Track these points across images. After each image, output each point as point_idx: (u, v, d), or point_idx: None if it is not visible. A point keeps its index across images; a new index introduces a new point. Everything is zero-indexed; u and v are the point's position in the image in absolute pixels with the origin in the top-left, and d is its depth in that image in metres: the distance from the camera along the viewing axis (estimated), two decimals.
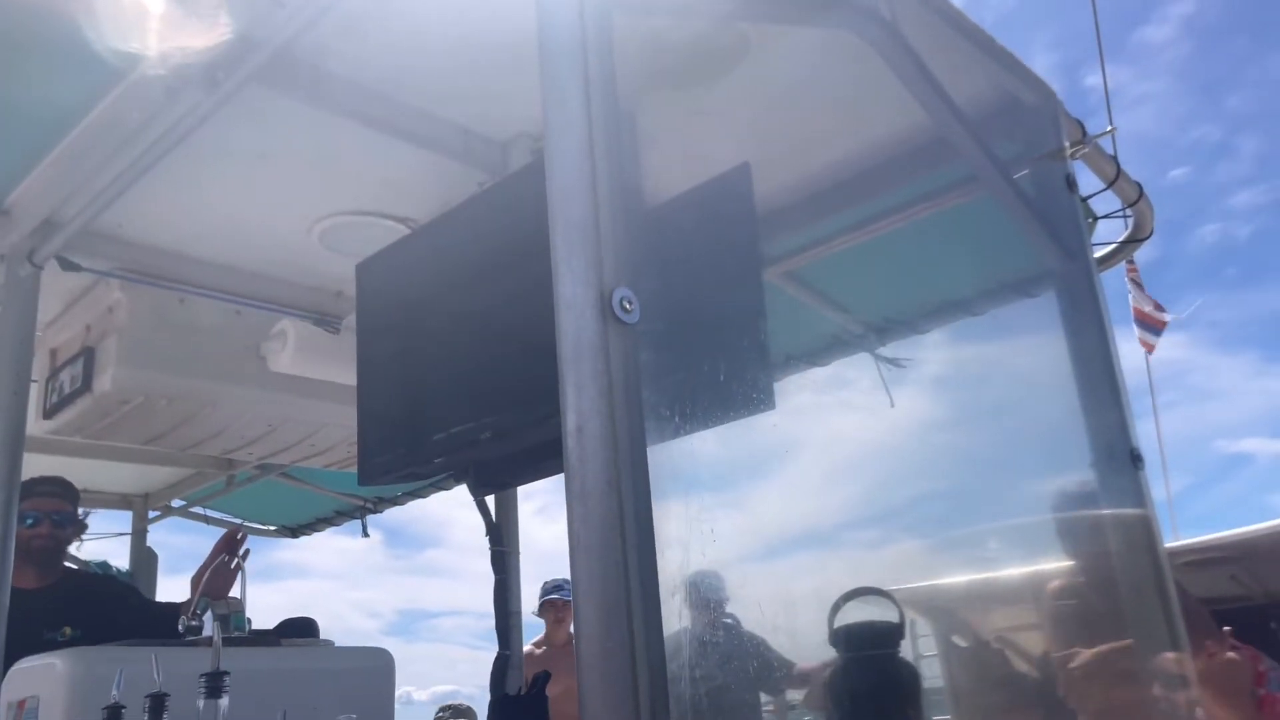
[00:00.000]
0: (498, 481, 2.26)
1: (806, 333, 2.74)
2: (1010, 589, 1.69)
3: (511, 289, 1.89)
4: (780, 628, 1.24)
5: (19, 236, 2.12)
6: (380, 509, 4.68)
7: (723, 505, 1.10)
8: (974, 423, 2.01)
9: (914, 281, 2.67)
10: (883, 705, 1.20)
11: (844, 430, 1.98)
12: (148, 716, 1.36)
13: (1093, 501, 1.84)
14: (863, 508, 1.67)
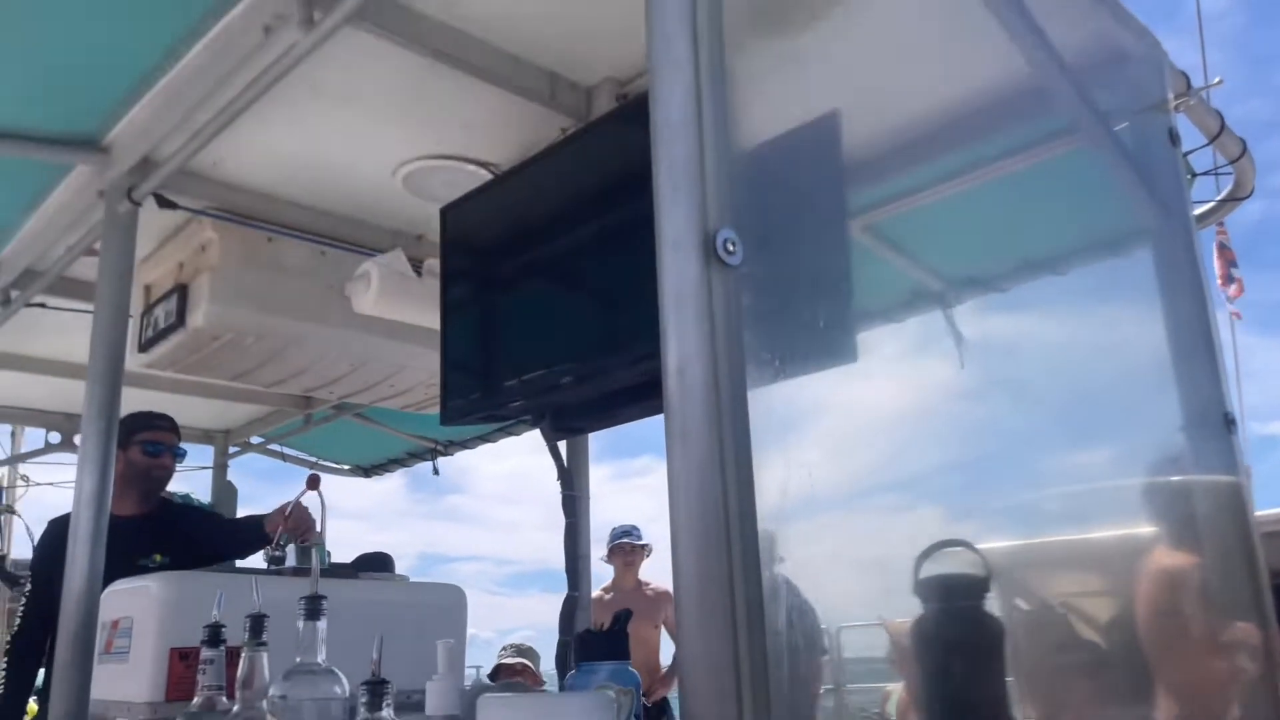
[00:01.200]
0: (572, 427, 2.30)
1: (884, 288, 2.70)
2: (1083, 553, 1.67)
3: (596, 235, 1.90)
4: (870, 575, 1.25)
5: (118, 174, 2.18)
6: (450, 452, 4.77)
7: (817, 450, 1.11)
8: (1057, 384, 1.98)
9: (997, 238, 2.61)
10: (968, 656, 1.20)
11: (925, 387, 1.96)
12: (247, 635, 1.42)
13: (1182, 465, 1.80)
14: (944, 466, 1.66)
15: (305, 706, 1.26)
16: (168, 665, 2.09)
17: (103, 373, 2.14)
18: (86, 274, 2.68)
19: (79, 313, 2.93)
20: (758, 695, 0.85)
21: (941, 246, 2.61)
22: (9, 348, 3.51)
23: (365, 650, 1.24)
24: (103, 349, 2.15)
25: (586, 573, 3.00)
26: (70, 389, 3.89)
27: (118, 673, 2.15)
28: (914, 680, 1.37)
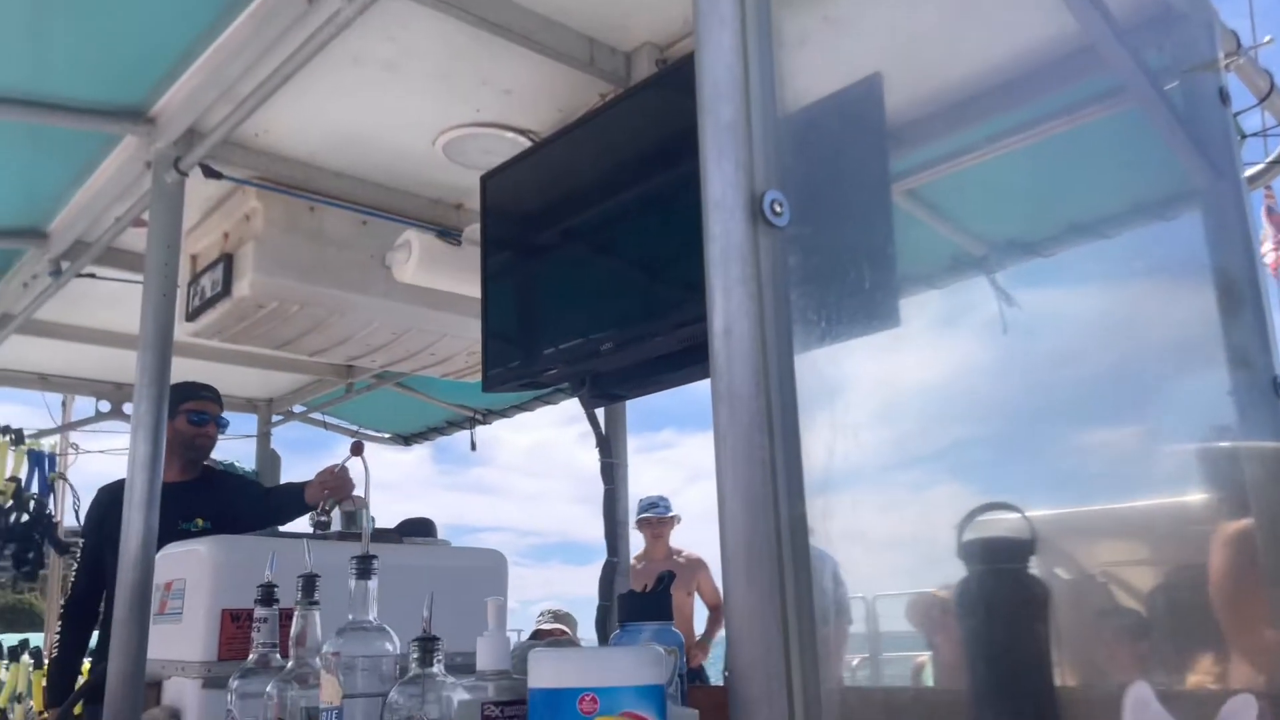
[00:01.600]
0: (612, 394, 2.31)
1: (928, 253, 2.68)
2: (1129, 521, 1.66)
3: (636, 201, 1.90)
4: (918, 536, 1.25)
5: (165, 144, 2.21)
6: (489, 420, 4.82)
7: (864, 413, 1.11)
8: (1103, 349, 1.96)
9: (1042, 202, 2.58)
10: (1012, 617, 1.20)
11: (969, 352, 1.95)
12: (300, 593, 1.46)
13: (1228, 431, 1.78)
14: (989, 432, 1.65)
15: (358, 663, 1.29)
16: (220, 625, 2.15)
17: (153, 341, 2.18)
18: (135, 245, 2.73)
19: (128, 283, 2.99)
20: (805, 650, 0.86)
21: (986, 211, 2.59)
22: (60, 318, 3.59)
23: (410, 612, 1.27)
24: (153, 318, 2.19)
25: (625, 539, 3.02)
26: (119, 358, 3.98)
27: (172, 633, 2.22)
28: (955, 646, 1.38)
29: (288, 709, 1.41)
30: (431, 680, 1.18)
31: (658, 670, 0.92)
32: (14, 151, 2.50)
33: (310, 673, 1.41)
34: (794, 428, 0.94)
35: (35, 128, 2.32)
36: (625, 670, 0.89)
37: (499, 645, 1.10)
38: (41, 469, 4.29)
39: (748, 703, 0.85)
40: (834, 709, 0.90)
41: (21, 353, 3.97)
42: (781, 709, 0.84)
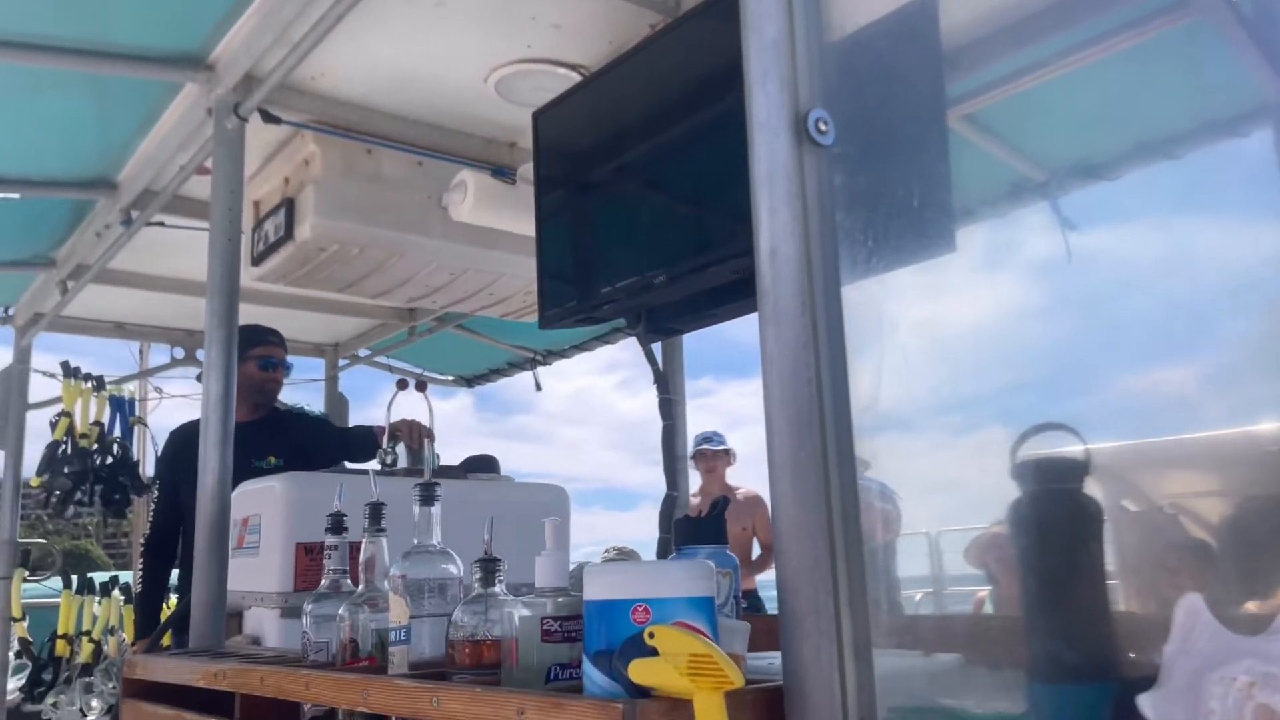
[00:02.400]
0: (668, 328, 2.32)
1: (982, 179, 2.62)
2: (1193, 452, 1.63)
3: (688, 132, 1.89)
4: (970, 461, 1.26)
5: (225, 90, 2.25)
6: (549, 361, 4.88)
7: (915, 337, 1.11)
8: (1170, 273, 1.91)
9: (1104, 123, 2.50)
10: (1067, 537, 1.20)
11: (1030, 279, 1.92)
12: (367, 521, 1.51)
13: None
14: (1048, 360, 1.64)
15: (424, 584, 1.34)
16: (294, 558, 2.24)
17: (220, 285, 2.25)
18: (200, 192, 2.80)
19: (195, 230, 3.07)
20: (852, 561, 0.88)
21: (1047, 134, 2.52)
22: (133, 267, 3.71)
23: (475, 545, 1.30)
24: (219, 262, 2.26)
25: (684, 473, 3.07)
26: (191, 305, 4.10)
27: (249, 566, 2.32)
28: (1013, 578, 1.39)
29: (359, 630, 1.47)
30: (494, 599, 1.22)
31: (708, 583, 0.95)
32: (82, 104, 2.57)
33: (379, 596, 1.47)
34: (840, 347, 0.95)
35: (101, 80, 2.38)
36: (677, 582, 0.92)
37: (557, 563, 1.14)
38: (122, 414, 4.46)
39: (796, 613, 0.88)
40: (881, 620, 0.92)
41: (99, 302, 4.12)
42: (829, 618, 0.87)
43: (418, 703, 1.15)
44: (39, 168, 2.92)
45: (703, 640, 0.86)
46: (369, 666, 1.43)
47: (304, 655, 1.58)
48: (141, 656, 2.26)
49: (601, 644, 0.92)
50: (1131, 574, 1.42)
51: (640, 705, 0.84)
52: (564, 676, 1.07)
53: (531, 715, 0.95)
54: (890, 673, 0.94)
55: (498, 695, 1.01)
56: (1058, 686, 1.14)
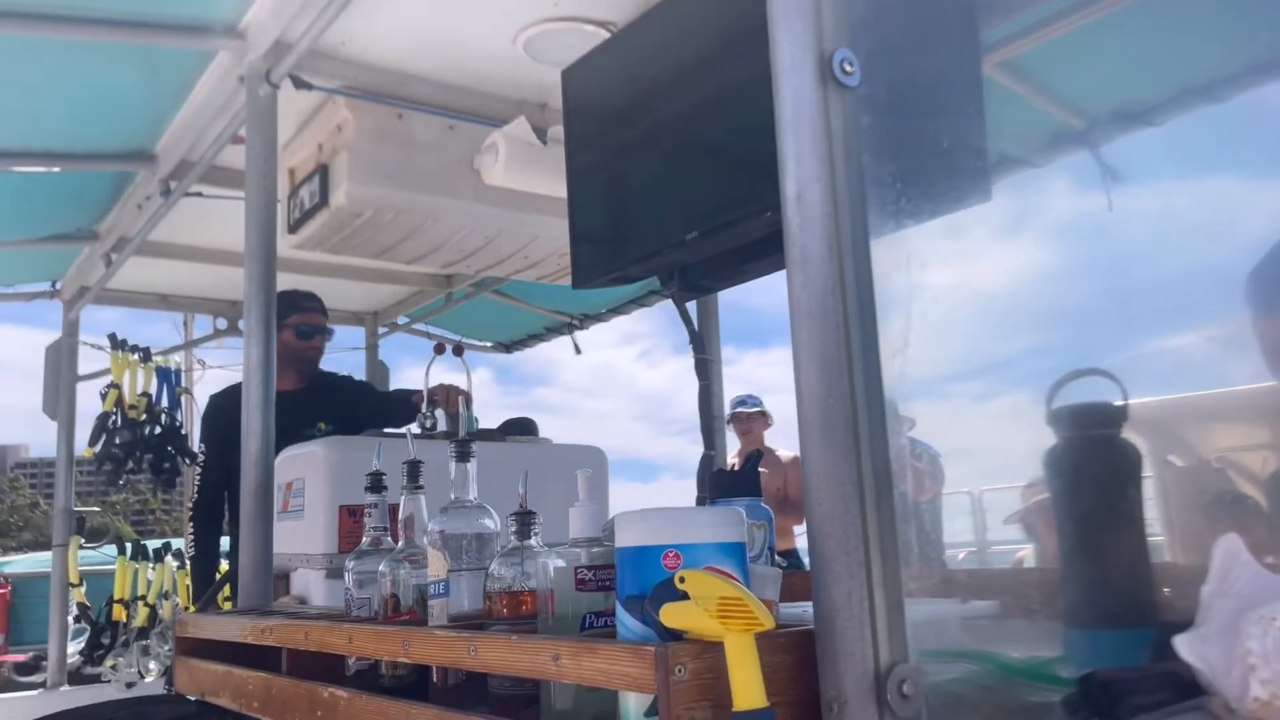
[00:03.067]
0: (701, 285, 2.31)
1: (1021, 128, 2.57)
2: (1239, 405, 1.60)
3: (719, 86, 1.87)
4: (1003, 410, 1.24)
5: (256, 57, 2.26)
6: (585, 325, 4.89)
7: (947, 278, 1.09)
8: (1214, 220, 1.86)
9: (1148, 66, 2.44)
10: (1104, 483, 1.19)
11: (1068, 226, 1.88)
12: (405, 479, 1.54)
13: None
14: (1086, 309, 1.61)
15: (462, 539, 1.36)
16: (338, 520, 2.28)
17: (258, 251, 2.28)
18: (236, 161, 2.82)
19: (232, 199, 3.10)
20: (882, 507, 0.88)
21: (1087, 79, 2.46)
22: (174, 238, 3.76)
23: (513, 506, 1.32)
24: (256, 229, 2.28)
25: (721, 432, 3.07)
26: (231, 276, 4.16)
27: (295, 529, 2.36)
28: (1053, 530, 1.38)
29: (400, 586, 1.50)
30: (529, 551, 1.23)
31: (739, 529, 0.95)
32: (118, 77, 2.60)
33: (419, 553, 1.50)
34: (869, 293, 0.94)
35: (136, 52, 2.41)
36: (706, 527, 0.92)
37: (591, 514, 1.15)
38: (169, 384, 4.54)
39: (826, 557, 0.88)
40: (914, 566, 0.92)
41: (142, 274, 4.19)
42: (859, 562, 0.87)
43: (456, 652, 1.17)
44: (78, 141, 2.97)
45: (733, 584, 0.86)
46: (410, 620, 1.46)
47: (347, 611, 1.62)
48: (192, 616, 2.32)
49: (633, 590, 0.93)
50: (1172, 524, 1.40)
51: (672, 648, 0.85)
52: (599, 624, 1.08)
53: (566, 660, 0.97)
54: (924, 619, 0.94)
55: (533, 642, 1.03)
56: (1095, 632, 1.13)
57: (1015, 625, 1.17)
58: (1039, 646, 1.11)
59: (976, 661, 1.01)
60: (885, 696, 0.84)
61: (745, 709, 0.81)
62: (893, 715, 0.84)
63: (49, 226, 3.71)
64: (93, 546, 4.70)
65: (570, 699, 1.08)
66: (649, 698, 0.89)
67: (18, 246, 3.82)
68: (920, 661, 0.88)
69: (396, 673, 1.54)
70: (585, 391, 66.70)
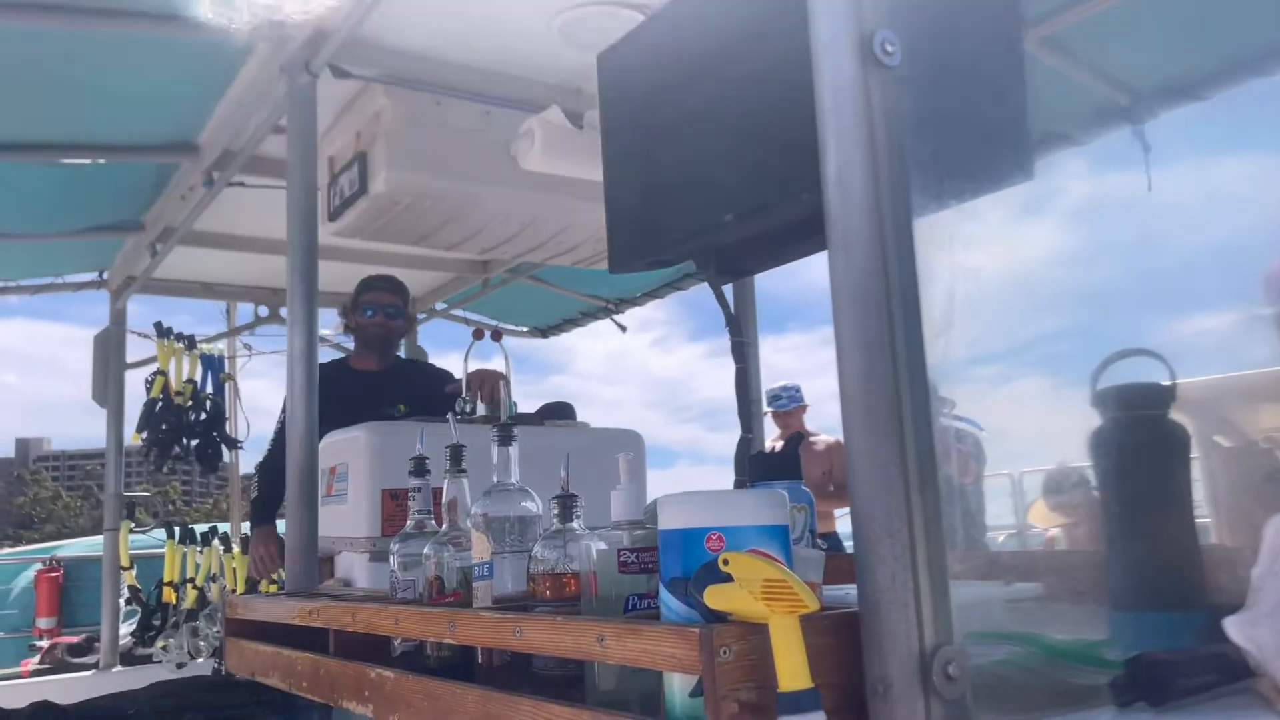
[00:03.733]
0: (738, 268, 2.30)
1: (1063, 105, 2.53)
2: None
3: (754, 67, 1.86)
4: (1045, 398, 1.23)
5: (295, 47, 2.29)
6: (621, 309, 4.91)
7: (988, 259, 1.08)
8: (1265, 196, 1.82)
9: (1194, 40, 2.39)
10: (1151, 463, 1.18)
11: (1110, 204, 1.85)
12: (449, 463, 1.56)
13: None
14: (1125, 288, 1.59)
15: (505, 522, 1.37)
16: (381, 504, 2.31)
17: (299, 241, 2.31)
18: (276, 151, 2.86)
19: (273, 189, 3.14)
20: (927, 488, 0.88)
21: (1132, 54, 2.41)
22: (218, 227, 3.82)
23: (553, 489, 1.33)
24: (298, 217, 2.31)
25: (759, 416, 3.07)
26: (273, 264, 4.22)
27: (340, 512, 2.40)
28: (1090, 521, 1.36)
29: (444, 568, 1.52)
30: (572, 534, 1.25)
31: (781, 512, 0.95)
32: (162, 70, 2.64)
33: (462, 536, 1.51)
34: (911, 274, 0.93)
35: (179, 44, 2.44)
36: (749, 510, 0.93)
37: (632, 496, 1.15)
38: (213, 371, 4.62)
39: (870, 538, 0.88)
40: (959, 546, 0.92)
41: (186, 263, 4.26)
42: (904, 543, 0.87)
43: (501, 633, 1.19)
44: (124, 134, 3.02)
45: (777, 565, 0.86)
46: (454, 602, 1.48)
47: (392, 593, 1.64)
48: (241, 597, 2.36)
49: (676, 572, 0.94)
50: (1220, 505, 1.39)
51: (717, 629, 0.85)
52: (642, 606, 1.09)
53: (611, 642, 0.98)
54: (969, 601, 0.94)
55: (578, 624, 1.04)
56: (1142, 614, 1.12)
57: (1060, 607, 1.17)
58: (1084, 629, 1.10)
59: (1022, 644, 1.01)
60: (930, 679, 0.84)
61: (790, 690, 0.82)
62: (938, 697, 0.84)
63: (96, 218, 3.78)
64: (142, 530, 4.80)
65: (614, 680, 1.09)
66: (693, 679, 0.89)
67: (67, 238, 3.90)
68: (965, 643, 0.88)
69: (441, 654, 1.56)
70: (600, 379, 66.48)
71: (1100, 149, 2.58)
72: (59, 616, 7.00)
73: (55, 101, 2.77)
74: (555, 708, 1.05)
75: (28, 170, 3.14)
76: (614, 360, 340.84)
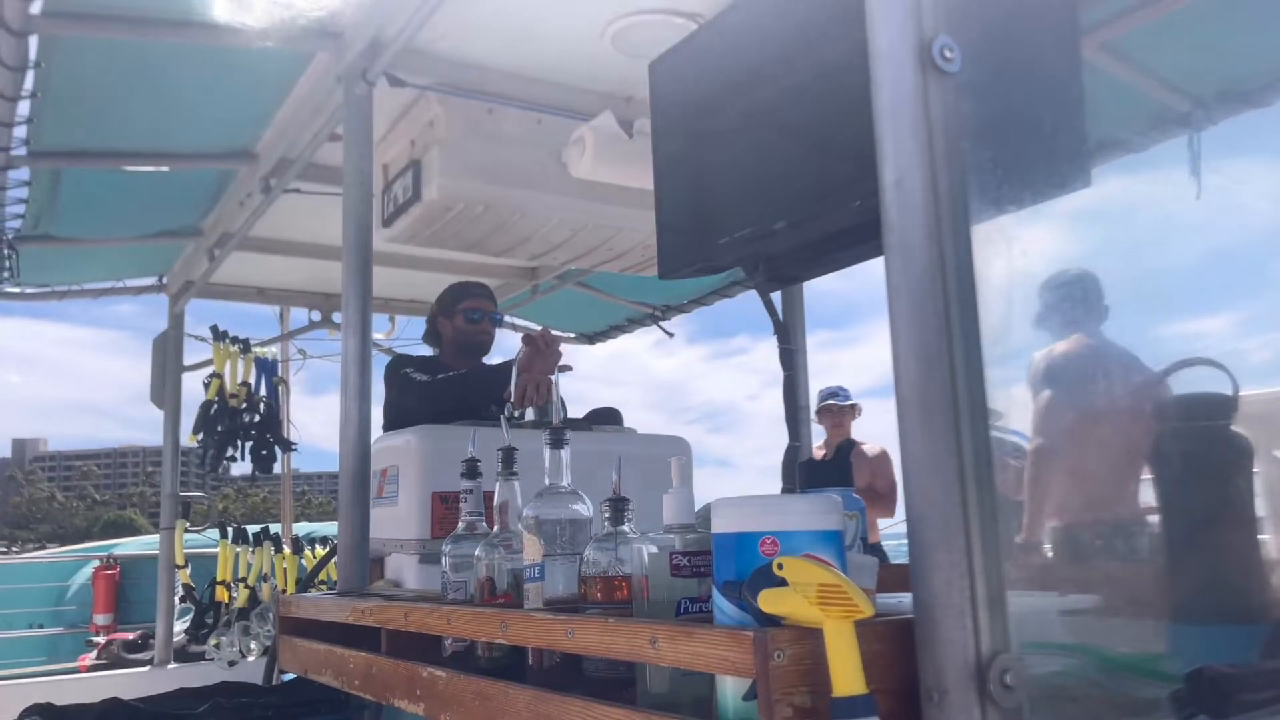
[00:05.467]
0: (787, 276, 2.30)
1: (1121, 112, 2.49)
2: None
3: (806, 74, 1.86)
4: (1103, 392, 1.22)
5: (353, 56, 2.33)
6: (668, 316, 4.91)
7: (1046, 266, 1.08)
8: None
9: (1252, 44, 2.34)
10: (1213, 474, 1.16)
11: (1168, 214, 1.83)
12: (500, 465, 1.57)
13: None
14: (1186, 296, 1.56)
15: (556, 525, 1.39)
16: (431, 507, 2.33)
17: (354, 246, 2.35)
18: (332, 159, 2.91)
19: (328, 195, 3.20)
20: (983, 494, 0.87)
21: (1191, 60, 2.37)
22: (272, 233, 3.89)
23: (602, 493, 1.34)
24: (353, 223, 2.35)
25: (806, 423, 3.06)
26: (325, 270, 4.29)
27: (390, 515, 2.43)
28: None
29: (495, 569, 1.54)
30: (623, 537, 1.25)
31: (836, 518, 0.95)
32: (223, 79, 2.71)
33: (513, 538, 1.53)
34: (969, 279, 0.93)
35: (239, 55, 2.50)
36: (804, 516, 0.93)
37: (684, 500, 1.16)
38: (267, 374, 4.71)
39: (926, 544, 0.88)
40: (1015, 553, 0.91)
41: (242, 269, 4.34)
42: (960, 550, 0.86)
43: (553, 634, 1.20)
44: (185, 141, 3.09)
45: (832, 570, 0.87)
46: (506, 603, 1.49)
47: (444, 594, 1.66)
48: (295, 596, 2.40)
49: (730, 575, 0.94)
50: None
51: (771, 633, 0.86)
52: (693, 610, 1.09)
53: (664, 644, 0.98)
54: (1025, 611, 0.93)
55: (631, 625, 1.05)
56: (1204, 627, 1.10)
57: (1119, 618, 1.15)
58: (1144, 641, 1.08)
59: (1080, 654, 0.99)
60: (987, 687, 0.83)
61: (845, 695, 0.82)
62: (995, 706, 0.83)
63: (157, 223, 3.88)
64: (196, 530, 4.90)
65: (666, 683, 1.09)
66: (746, 682, 0.90)
67: (129, 243, 4.00)
68: (1022, 653, 0.87)
69: (492, 655, 1.58)
70: (602, 381, 66.18)
71: (1158, 155, 2.54)
72: (115, 613, 7.17)
73: (120, 111, 2.85)
74: (607, 709, 1.06)
75: (93, 177, 3.23)
76: (615, 361, 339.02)
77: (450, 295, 3.12)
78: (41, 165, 3.02)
